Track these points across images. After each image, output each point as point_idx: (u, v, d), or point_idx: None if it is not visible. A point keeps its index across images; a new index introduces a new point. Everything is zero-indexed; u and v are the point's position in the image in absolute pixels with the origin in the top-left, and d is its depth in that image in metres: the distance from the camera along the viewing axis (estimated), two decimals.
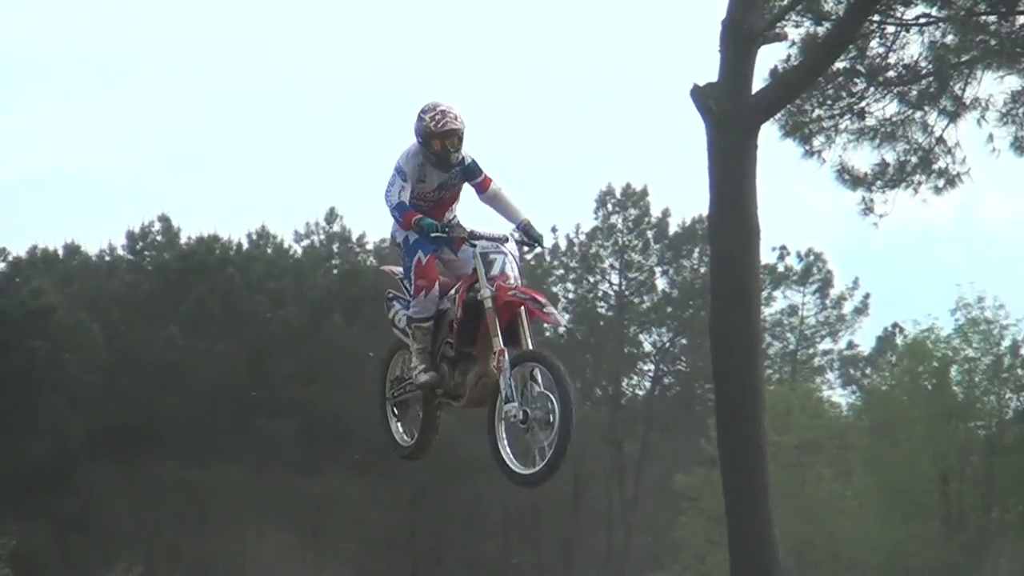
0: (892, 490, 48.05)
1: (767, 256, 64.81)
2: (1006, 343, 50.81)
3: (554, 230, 65.25)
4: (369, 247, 65.01)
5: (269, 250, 64.22)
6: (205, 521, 51.97)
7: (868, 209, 28.76)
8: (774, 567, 21.75)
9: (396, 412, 12.04)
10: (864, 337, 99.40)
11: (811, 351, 70.36)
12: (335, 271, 63.47)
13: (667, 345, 67.39)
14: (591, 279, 67.03)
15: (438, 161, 11.01)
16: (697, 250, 65.18)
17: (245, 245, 63.39)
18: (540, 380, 10.34)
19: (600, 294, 67.20)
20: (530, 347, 10.53)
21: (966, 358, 51.23)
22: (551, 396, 10.24)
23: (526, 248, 11.09)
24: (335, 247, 65.45)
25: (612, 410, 64.83)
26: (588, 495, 62.10)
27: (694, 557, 50.03)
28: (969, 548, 47.28)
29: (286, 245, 64.82)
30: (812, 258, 69.48)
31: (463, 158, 11.11)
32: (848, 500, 50.24)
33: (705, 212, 24.32)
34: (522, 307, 10.56)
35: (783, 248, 68.88)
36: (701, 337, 56.46)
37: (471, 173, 11.19)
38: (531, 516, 60.79)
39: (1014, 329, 49.41)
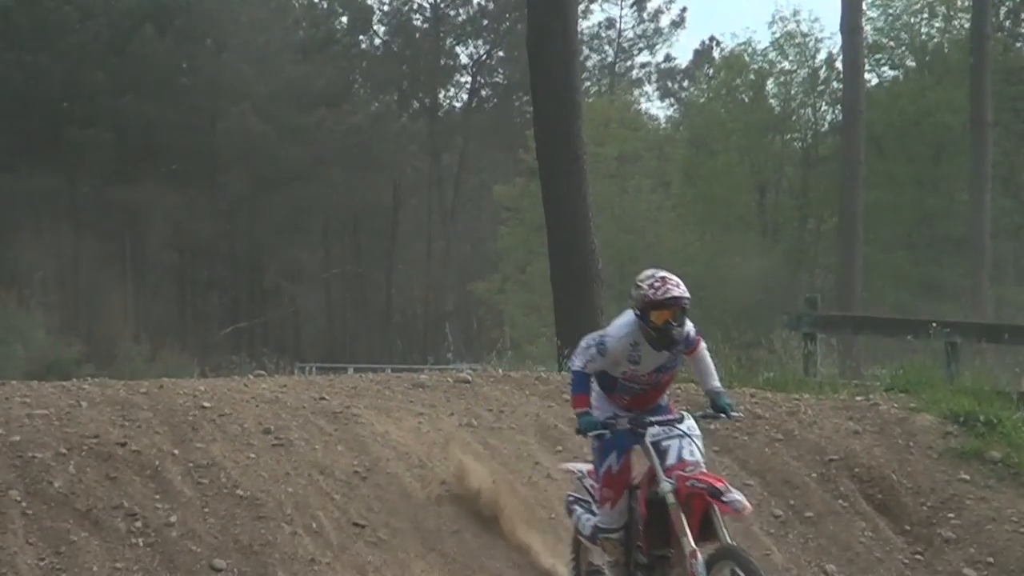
0: (710, 201, 48.80)
1: None
2: (822, 56, 51.35)
3: None
4: None
5: None
6: (18, 230, 51.20)
7: None
8: (594, 275, 21.89)
9: None
10: (681, 50, 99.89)
11: (629, 64, 70.55)
12: None
13: (484, 57, 67.06)
14: None
15: (658, 338, 9.37)
16: None
17: None
18: None
19: (415, 6, 66.49)
20: (727, 540, 9.16)
21: (782, 71, 51.73)
22: None
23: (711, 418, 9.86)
24: None
25: (429, 121, 64.68)
26: (407, 205, 62.32)
27: (515, 266, 50.53)
28: (787, 257, 48.40)
29: None
30: None
31: (687, 334, 9.59)
32: (667, 211, 50.93)
33: None
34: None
35: None
36: (518, 50, 56.29)
37: (688, 344, 9.70)
38: (351, 225, 60.95)
39: (829, 42, 49.97)
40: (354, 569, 11.13)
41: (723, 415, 9.74)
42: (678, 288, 9.39)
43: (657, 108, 68.82)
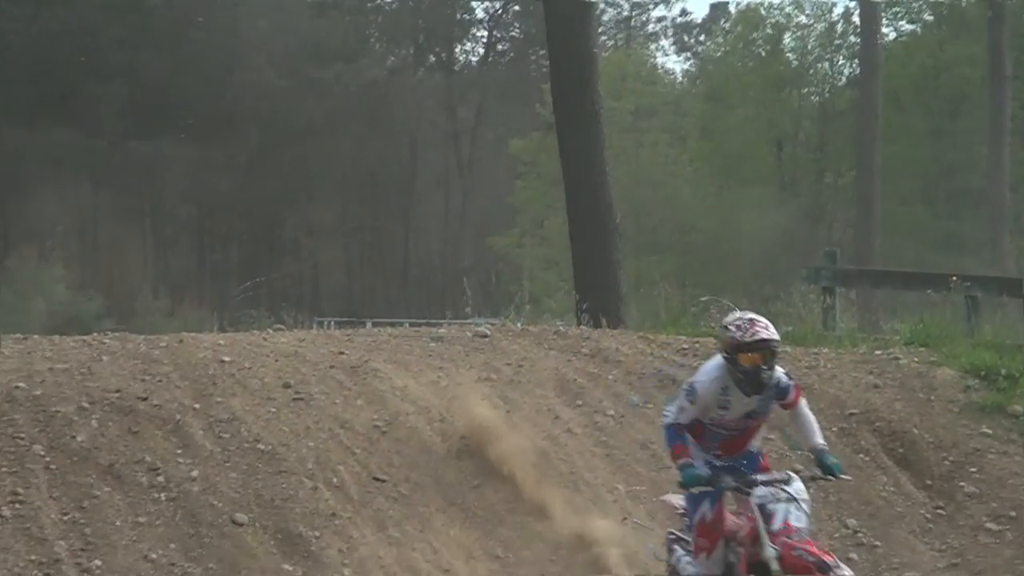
0: (727, 155, 48.65)
1: None
2: (839, 10, 51.16)
3: None
4: None
5: None
6: (38, 185, 51.23)
7: None
8: (612, 229, 21.86)
9: None
10: (697, 4, 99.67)
11: (644, 18, 70.26)
12: None
13: (499, 12, 66.82)
14: None
15: (746, 381, 9.10)
16: None
17: None
18: None
19: None
20: None
21: (799, 25, 51.55)
22: None
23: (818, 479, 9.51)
24: None
25: (446, 76, 64.51)
26: (424, 160, 62.20)
27: (533, 221, 50.48)
28: (804, 212, 48.28)
29: None
30: None
31: (777, 379, 9.25)
32: (683, 165, 50.80)
33: None
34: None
35: None
36: (534, 4, 56.06)
37: (783, 393, 9.34)
38: (368, 180, 60.85)
39: None
40: (375, 524, 11.15)
41: (831, 476, 9.41)
42: (767, 330, 9.08)
43: (673, 62, 68.61)
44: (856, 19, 46.84)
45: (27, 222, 49.27)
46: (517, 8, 66.45)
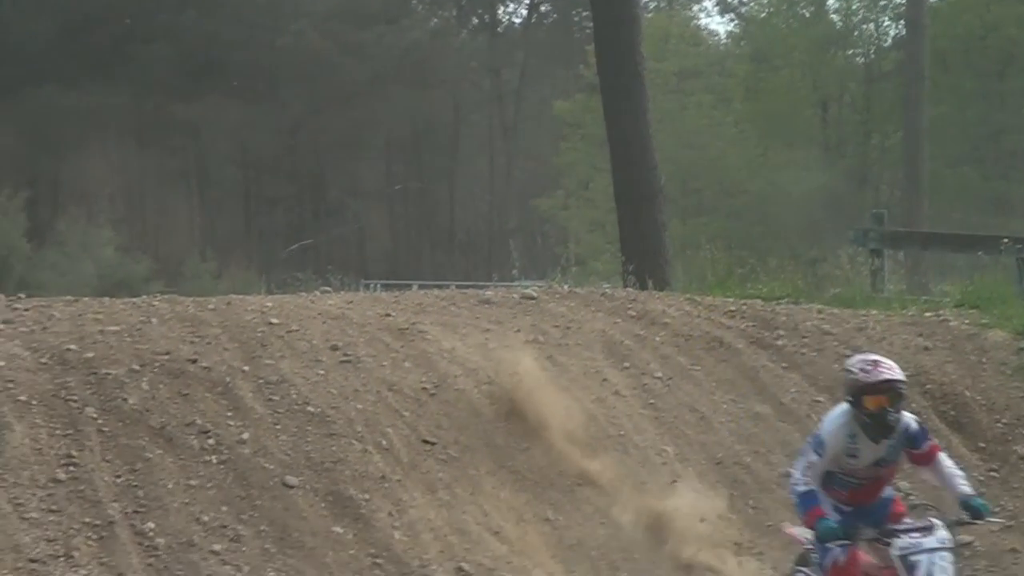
0: (772, 117, 48.36)
1: None
2: None
3: None
4: None
5: None
6: (86, 147, 51.38)
7: None
8: (656, 191, 21.81)
9: None
10: None
11: None
12: None
13: None
14: None
15: (873, 426, 8.81)
16: None
17: None
18: None
19: None
20: None
21: None
22: None
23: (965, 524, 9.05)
24: None
25: (489, 37, 64.35)
26: (468, 121, 62.08)
27: (577, 183, 50.32)
28: (850, 174, 48.00)
29: None
30: None
31: (906, 424, 8.97)
32: (728, 127, 50.50)
33: None
34: None
35: None
36: None
37: (914, 441, 9.03)
38: (412, 142, 60.81)
39: None
40: (424, 486, 11.16)
41: (979, 520, 9.02)
42: (891, 371, 8.81)
43: (717, 23, 68.25)
44: None
45: (75, 184, 49.42)
46: None
